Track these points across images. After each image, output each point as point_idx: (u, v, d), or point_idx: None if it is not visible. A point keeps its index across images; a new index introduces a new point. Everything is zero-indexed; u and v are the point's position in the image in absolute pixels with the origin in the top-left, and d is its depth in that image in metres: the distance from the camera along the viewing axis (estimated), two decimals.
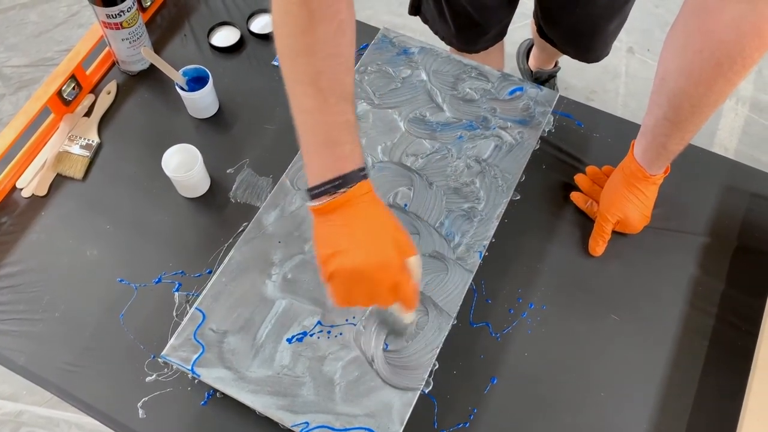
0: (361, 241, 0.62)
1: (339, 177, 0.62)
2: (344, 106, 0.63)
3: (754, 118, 1.72)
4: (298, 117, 0.64)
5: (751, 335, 0.80)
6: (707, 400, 0.77)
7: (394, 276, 0.63)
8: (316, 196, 0.63)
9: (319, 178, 0.62)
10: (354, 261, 0.61)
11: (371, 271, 0.61)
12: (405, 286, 0.64)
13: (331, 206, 0.62)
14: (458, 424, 0.76)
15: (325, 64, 0.62)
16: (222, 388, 0.74)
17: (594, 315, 0.83)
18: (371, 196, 0.64)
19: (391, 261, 0.62)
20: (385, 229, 0.64)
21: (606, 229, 0.85)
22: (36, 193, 0.92)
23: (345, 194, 0.62)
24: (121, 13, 0.92)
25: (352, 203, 0.62)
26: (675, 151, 0.77)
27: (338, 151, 0.62)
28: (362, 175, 0.63)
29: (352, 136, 0.63)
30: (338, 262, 0.62)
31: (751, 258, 0.86)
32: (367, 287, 0.63)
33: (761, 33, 0.60)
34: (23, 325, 0.83)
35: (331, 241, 0.63)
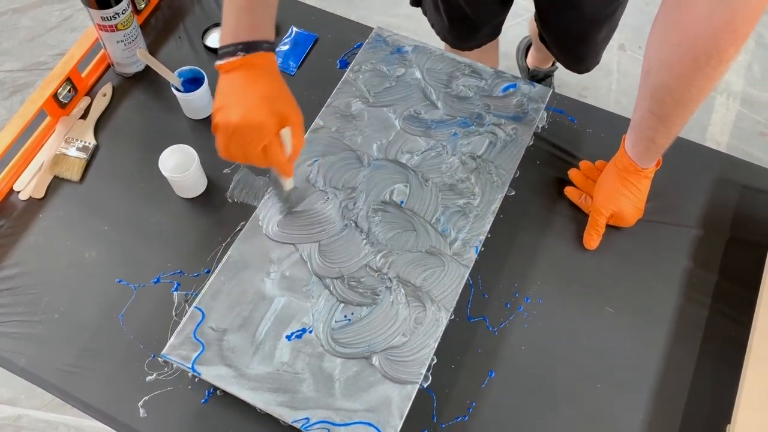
0: (242, 101, 0.68)
1: (243, 42, 0.68)
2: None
3: (745, 113, 1.74)
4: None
5: (745, 325, 0.81)
6: (702, 390, 0.79)
7: (263, 138, 0.69)
8: (222, 56, 0.69)
9: (228, 40, 0.69)
10: (230, 117, 0.67)
11: (243, 128, 0.67)
12: (274, 150, 0.71)
13: (230, 66, 0.69)
14: (457, 418, 0.77)
15: None
16: (222, 386, 0.74)
17: (589, 308, 0.84)
18: (270, 67, 0.71)
19: (262, 123, 0.68)
20: (270, 97, 0.70)
21: (600, 222, 0.86)
22: (33, 195, 0.92)
23: (244, 58, 0.68)
24: (116, 16, 0.92)
25: (248, 67, 0.69)
26: (663, 144, 0.78)
27: (249, 18, 0.69)
28: (265, 47, 0.70)
29: (265, 11, 0.70)
30: (220, 116, 0.69)
31: (743, 249, 0.87)
32: (240, 143, 0.69)
33: (734, 28, 0.60)
34: (23, 327, 0.83)
35: (222, 97, 0.70)
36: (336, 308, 0.78)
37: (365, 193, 0.86)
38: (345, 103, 0.94)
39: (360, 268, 0.81)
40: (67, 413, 1.42)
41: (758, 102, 1.75)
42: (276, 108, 0.69)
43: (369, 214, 0.85)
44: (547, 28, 1.21)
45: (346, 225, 0.84)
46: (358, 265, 0.81)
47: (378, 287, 0.80)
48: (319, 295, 0.79)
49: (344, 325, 0.77)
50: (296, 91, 0.99)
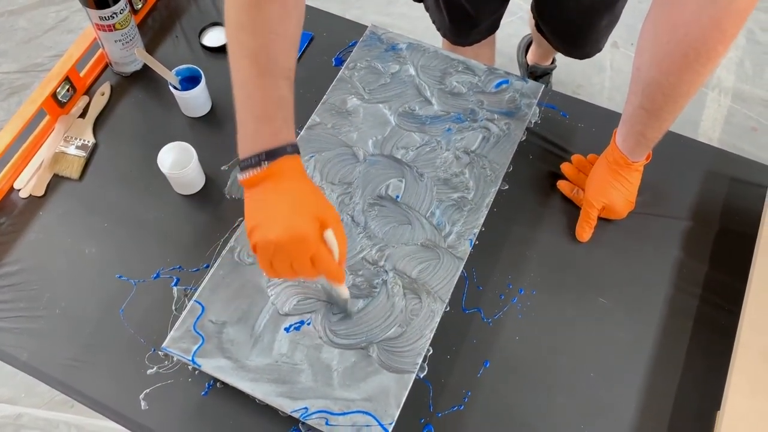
0: (278, 215, 0.64)
1: (265, 151, 0.64)
2: (280, 83, 0.65)
3: (737, 108, 1.76)
4: (236, 89, 0.66)
5: (734, 314, 0.82)
6: (692, 378, 0.80)
7: (309, 249, 0.64)
8: (244, 168, 0.65)
9: (249, 151, 0.65)
10: (270, 234, 0.63)
11: (286, 244, 0.63)
12: (322, 259, 0.66)
13: (256, 179, 0.65)
14: (453, 407, 0.78)
15: (267, 40, 0.64)
16: (222, 377, 0.76)
17: (582, 299, 0.85)
18: (296, 171, 0.66)
19: (306, 234, 0.63)
20: (305, 202, 0.66)
21: (592, 215, 0.87)
22: (33, 193, 0.93)
23: (269, 168, 0.64)
24: (114, 15, 0.94)
25: (275, 177, 0.65)
26: (653, 138, 0.80)
27: (268, 125, 0.65)
28: (290, 151, 0.65)
29: (284, 113, 0.66)
30: (258, 235, 0.64)
31: (732, 240, 0.89)
32: (285, 260, 0.64)
33: (721, 27, 0.62)
34: (25, 323, 0.84)
35: (254, 214, 0.66)
36: None
37: (361, 188, 0.88)
38: (340, 100, 0.95)
39: (357, 262, 0.82)
40: (67, 411, 1.43)
41: (749, 98, 1.77)
42: (313, 213, 0.65)
43: (365, 209, 0.86)
44: (548, 18, 1.22)
45: (342, 219, 0.85)
46: (355, 258, 0.83)
47: (375, 280, 0.81)
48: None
49: (342, 318, 0.79)
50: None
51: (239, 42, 0.65)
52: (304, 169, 0.68)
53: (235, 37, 0.66)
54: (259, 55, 0.64)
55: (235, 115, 0.66)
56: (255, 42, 0.65)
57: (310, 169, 0.89)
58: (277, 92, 0.65)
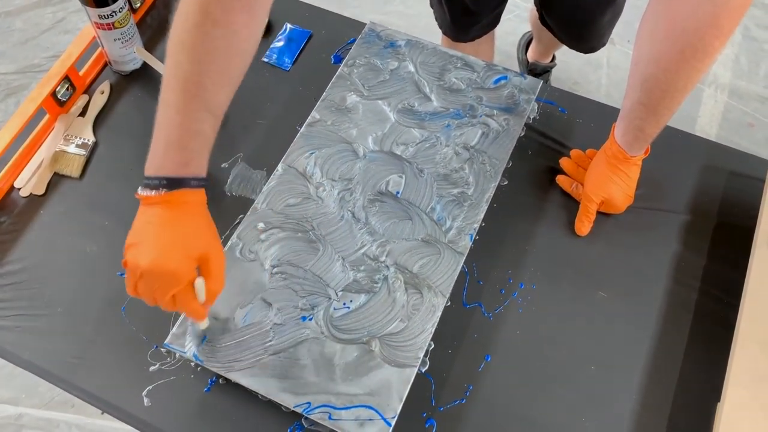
0: (155, 244, 0.62)
1: (169, 178, 0.63)
2: (202, 115, 0.64)
3: (733, 105, 1.77)
4: (160, 107, 0.64)
5: (733, 307, 0.83)
6: (692, 370, 0.81)
7: (173, 288, 0.63)
8: (145, 186, 0.64)
9: (154, 171, 0.64)
10: (140, 259, 0.62)
11: (152, 275, 0.62)
12: (183, 300, 0.65)
13: (151, 200, 0.64)
14: (455, 401, 0.79)
15: (200, 69, 0.63)
16: (224, 374, 0.76)
17: (582, 292, 0.86)
18: (194, 206, 0.65)
19: (173, 272, 0.62)
20: (187, 240, 0.64)
21: (591, 209, 0.88)
22: (34, 192, 0.93)
23: (165, 195, 0.63)
24: (113, 14, 0.94)
25: (170, 206, 0.63)
26: (651, 133, 0.80)
27: (179, 154, 0.63)
28: (194, 185, 0.64)
29: (199, 146, 0.64)
30: (130, 254, 0.63)
31: (730, 234, 0.89)
32: (148, 288, 0.63)
33: (718, 23, 0.63)
34: (26, 321, 0.84)
35: (137, 232, 0.65)
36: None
37: (362, 185, 0.88)
38: (340, 97, 0.95)
39: (358, 257, 0.83)
40: (67, 411, 1.43)
41: (746, 94, 1.78)
42: (192, 252, 0.64)
43: (366, 205, 0.86)
44: (552, 12, 1.23)
45: (343, 215, 0.86)
46: (356, 254, 0.83)
47: (376, 275, 0.81)
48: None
49: (344, 313, 0.79)
50: (290, 87, 1.02)
51: (176, 61, 0.64)
52: (205, 205, 0.66)
53: (174, 54, 0.64)
54: (188, 82, 0.63)
55: (155, 125, 0.64)
56: (191, 67, 0.63)
57: (310, 166, 0.89)
58: (197, 125, 0.63)
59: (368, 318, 0.79)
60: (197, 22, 0.62)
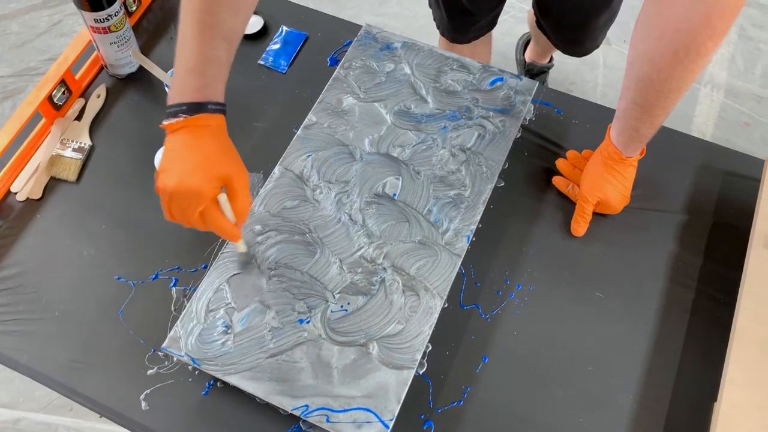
0: (180, 165, 0.67)
1: (188, 103, 0.67)
2: (217, 43, 0.68)
3: (729, 104, 1.77)
4: (179, 39, 0.68)
5: (729, 306, 0.83)
6: (690, 369, 0.81)
7: (199, 205, 0.67)
8: (168, 115, 0.68)
9: (175, 99, 0.67)
10: (168, 182, 0.66)
11: (178, 194, 0.66)
12: (211, 216, 0.69)
13: (174, 126, 0.67)
14: (453, 402, 0.79)
15: (214, 1, 0.67)
16: (222, 377, 0.76)
17: (579, 293, 0.86)
18: (214, 129, 0.68)
19: (196, 190, 0.66)
20: (209, 160, 0.68)
21: (587, 210, 0.88)
22: (31, 196, 0.93)
23: (186, 120, 0.66)
24: (109, 18, 0.94)
25: (191, 129, 0.67)
26: (647, 134, 0.80)
27: (196, 79, 0.67)
28: (212, 109, 0.68)
29: (213, 71, 0.68)
30: (160, 180, 0.67)
31: (726, 233, 0.90)
32: (178, 208, 0.68)
33: (711, 23, 0.63)
34: (24, 325, 0.84)
35: (166, 158, 0.69)
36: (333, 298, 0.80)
37: (358, 187, 0.88)
38: (336, 99, 0.95)
39: (355, 260, 0.83)
40: (65, 415, 1.43)
41: (741, 93, 1.79)
42: (215, 172, 0.67)
43: (363, 207, 0.86)
44: (547, 15, 1.23)
45: (340, 218, 0.86)
46: (353, 256, 0.83)
47: (373, 277, 0.82)
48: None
49: (341, 315, 0.79)
50: (288, 89, 1.02)
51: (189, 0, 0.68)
52: (224, 127, 0.70)
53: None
54: (202, 12, 0.67)
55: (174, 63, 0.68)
56: (202, 1, 0.67)
57: (307, 169, 0.89)
58: (212, 51, 0.67)
59: (366, 320, 0.79)
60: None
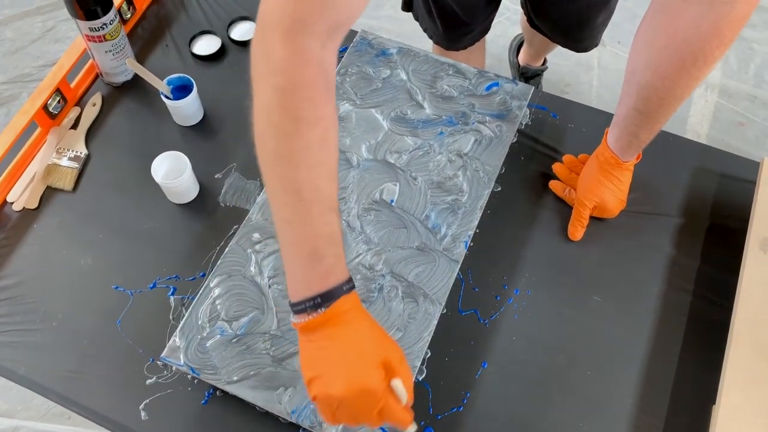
0: (341, 365, 0.59)
1: (321, 293, 0.58)
2: (328, 217, 0.60)
3: (724, 104, 1.78)
4: (280, 227, 0.60)
5: (727, 309, 0.83)
6: (688, 373, 0.81)
7: (377, 402, 0.59)
8: (298, 312, 0.60)
9: (302, 294, 0.59)
10: (333, 389, 0.58)
11: (351, 398, 0.58)
12: (390, 410, 0.60)
13: (312, 324, 0.59)
14: (452, 408, 0.79)
15: (309, 173, 0.58)
16: (222, 386, 0.76)
17: (577, 297, 0.86)
18: (356, 312, 0.61)
19: (373, 387, 0.58)
20: (370, 349, 0.60)
21: (584, 214, 0.88)
22: (27, 206, 0.93)
23: (327, 312, 0.58)
24: (103, 26, 0.94)
25: (335, 321, 0.59)
26: (645, 139, 0.81)
27: (321, 265, 0.59)
28: (346, 290, 0.60)
29: (335, 249, 0.60)
30: (319, 387, 0.59)
31: (723, 236, 0.90)
32: (349, 413, 0.60)
33: (720, 33, 0.63)
34: (22, 336, 0.84)
35: (313, 363, 0.60)
36: None
37: (356, 193, 0.88)
38: None
39: (353, 267, 0.83)
40: (63, 423, 1.42)
41: (735, 93, 1.79)
42: (378, 360, 0.59)
43: (360, 214, 0.87)
44: (544, 17, 1.23)
45: None
46: (351, 263, 0.83)
47: (371, 284, 0.82)
48: None
49: None
50: None
51: (279, 175, 0.59)
52: (361, 306, 0.62)
53: (273, 171, 0.59)
54: (303, 189, 0.58)
55: (281, 252, 0.61)
56: (296, 176, 0.58)
57: None
58: (326, 228, 0.59)
59: None
60: (290, 132, 0.57)
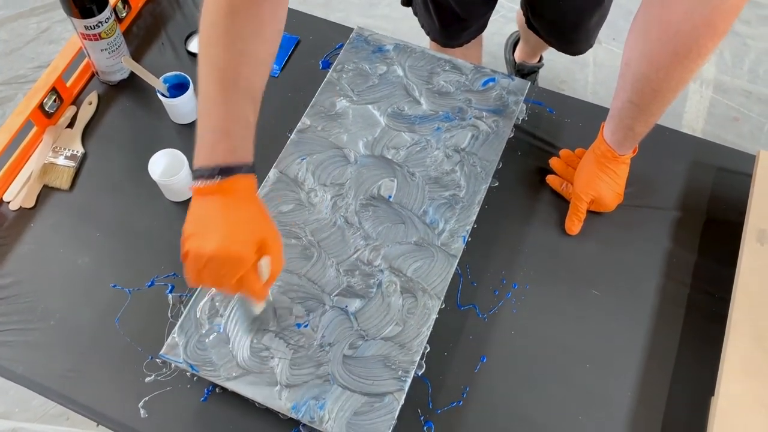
0: (219, 229, 0.64)
1: (220, 166, 0.64)
2: (244, 104, 0.66)
3: (718, 99, 1.78)
4: (201, 99, 0.67)
5: (724, 301, 0.84)
6: (686, 365, 0.81)
7: (240, 269, 0.64)
8: (197, 177, 0.65)
9: (204, 161, 0.65)
10: (204, 246, 0.63)
11: (218, 259, 0.63)
12: (249, 282, 0.66)
13: (207, 190, 0.65)
14: (452, 403, 0.79)
15: (236, 59, 0.66)
16: (221, 383, 0.76)
17: (575, 291, 0.86)
18: (247, 191, 0.67)
19: (242, 254, 0.64)
20: (248, 224, 0.66)
21: (581, 208, 0.88)
22: (23, 205, 0.93)
23: (221, 183, 0.64)
24: (99, 24, 0.93)
25: (225, 193, 0.65)
26: (641, 132, 0.81)
27: (227, 141, 0.65)
28: (244, 170, 0.65)
29: (244, 132, 0.66)
30: (191, 244, 0.64)
31: (720, 228, 0.90)
32: (213, 274, 0.64)
33: (713, 24, 0.64)
34: (19, 335, 0.84)
35: (196, 222, 0.66)
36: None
37: (354, 189, 0.88)
38: (329, 102, 0.95)
39: (352, 263, 0.83)
40: (62, 425, 1.42)
41: (730, 88, 1.80)
42: (254, 236, 0.66)
43: (358, 210, 0.87)
44: (540, 17, 1.24)
45: (336, 221, 0.86)
46: (350, 259, 0.83)
47: (370, 280, 0.82)
48: None
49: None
50: (280, 93, 1.02)
51: (208, 56, 0.66)
52: (256, 191, 0.69)
53: (206, 51, 0.67)
54: (226, 71, 0.65)
55: (197, 120, 0.67)
56: (224, 57, 0.66)
57: (302, 172, 0.89)
58: (238, 111, 0.66)
59: (364, 323, 0.79)
60: (226, 14, 0.65)
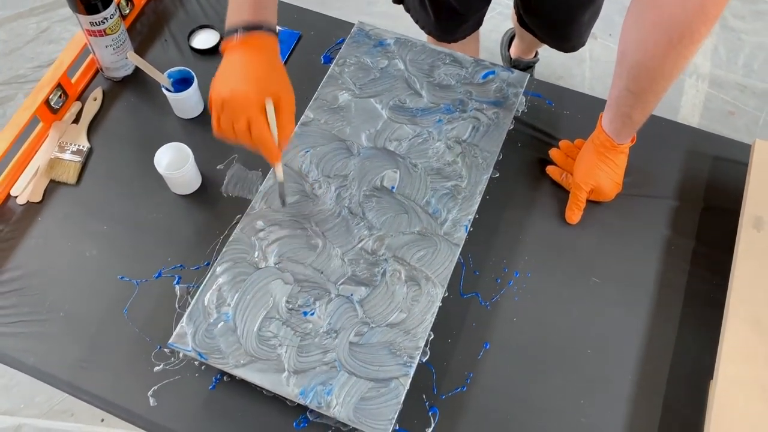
0: (233, 77, 0.72)
1: (248, 22, 0.73)
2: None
3: (714, 94, 1.80)
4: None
5: (722, 287, 0.85)
6: (685, 350, 0.83)
7: (247, 111, 0.72)
8: (228, 35, 0.73)
9: (230, 23, 0.73)
10: (222, 90, 0.72)
11: (230, 102, 0.71)
12: (257, 124, 0.72)
13: (230, 46, 0.73)
14: (456, 389, 0.80)
15: None
16: (230, 370, 0.77)
17: (575, 279, 0.88)
18: (266, 47, 0.74)
19: (246, 97, 0.71)
20: (261, 74, 0.73)
21: (581, 198, 0.90)
22: (31, 199, 0.94)
23: (242, 38, 0.72)
24: (104, 21, 0.95)
25: (246, 48, 0.73)
26: (639, 120, 0.82)
27: (250, 3, 0.73)
28: (264, 28, 0.73)
29: (273, 3, 0.76)
30: (215, 89, 0.73)
31: (717, 216, 0.92)
32: (228, 118, 0.73)
33: (705, 10, 0.65)
34: (29, 327, 0.85)
35: (222, 73, 0.74)
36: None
37: (357, 181, 0.90)
38: (332, 96, 0.97)
39: (356, 252, 0.84)
40: (67, 420, 1.43)
41: (725, 83, 1.82)
42: (266, 86, 0.73)
43: (362, 200, 0.88)
44: (533, 14, 1.25)
45: (340, 212, 0.87)
46: (354, 249, 0.84)
47: (375, 269, 0.83)
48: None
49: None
50: None
51: None
52: (278, 51, 0.76)
53: None
54: None
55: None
56: None
57: (306, 165, 0.91)
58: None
59: (370, 310, 0.80)
60: None
